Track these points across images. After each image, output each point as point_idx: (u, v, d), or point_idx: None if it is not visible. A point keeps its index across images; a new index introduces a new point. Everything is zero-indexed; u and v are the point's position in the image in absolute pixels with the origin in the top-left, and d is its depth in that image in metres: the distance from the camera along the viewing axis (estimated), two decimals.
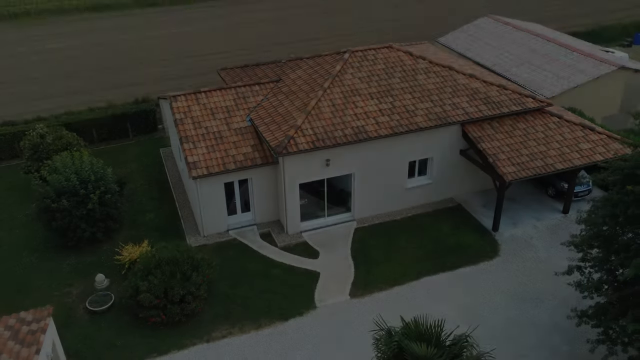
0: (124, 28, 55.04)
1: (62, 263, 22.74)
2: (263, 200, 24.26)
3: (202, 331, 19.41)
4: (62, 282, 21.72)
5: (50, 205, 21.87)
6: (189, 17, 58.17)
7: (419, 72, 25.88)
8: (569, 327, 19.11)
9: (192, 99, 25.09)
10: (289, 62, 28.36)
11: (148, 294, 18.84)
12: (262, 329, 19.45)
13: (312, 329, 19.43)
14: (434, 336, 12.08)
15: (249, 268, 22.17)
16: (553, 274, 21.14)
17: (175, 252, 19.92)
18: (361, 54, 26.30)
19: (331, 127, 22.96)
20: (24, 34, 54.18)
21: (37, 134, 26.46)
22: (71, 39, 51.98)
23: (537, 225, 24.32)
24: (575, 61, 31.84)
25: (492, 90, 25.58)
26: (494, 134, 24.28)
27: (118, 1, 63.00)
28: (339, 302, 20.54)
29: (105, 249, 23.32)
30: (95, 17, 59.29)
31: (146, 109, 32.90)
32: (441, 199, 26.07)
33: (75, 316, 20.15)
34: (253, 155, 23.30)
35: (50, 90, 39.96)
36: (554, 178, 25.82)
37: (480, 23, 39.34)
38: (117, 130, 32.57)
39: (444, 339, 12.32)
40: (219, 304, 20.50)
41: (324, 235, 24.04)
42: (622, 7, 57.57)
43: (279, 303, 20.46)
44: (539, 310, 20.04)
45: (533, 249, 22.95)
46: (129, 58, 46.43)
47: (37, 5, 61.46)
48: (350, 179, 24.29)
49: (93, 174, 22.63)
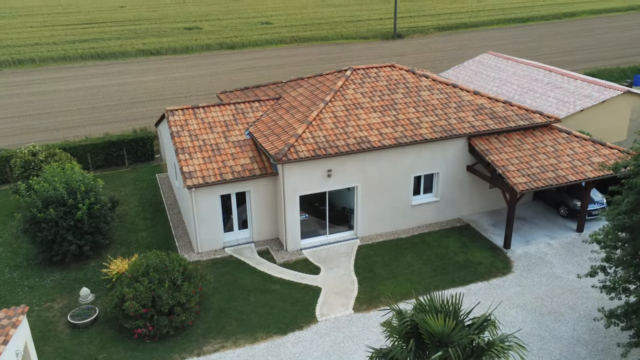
0: (126, 73, 55.46)
1: (45, 279, 21.26)
2: (261, 216, 23.05)
3: (192, 345, 17.72)
4: (44, 298, 20.18)
5: (36, 215, 20.67)
6: (193, 64, 58.75)
7: (422, 89, 25.37)
8: (595, 339, 17.57)
9: (190, 113, 24.43)
10: (289, 82, 27.93)
11: (134, 301, 17.32)
12: (258, 343, 17.77)
13: (312, 342, 17.76)
14: (452, 311, 10.67)
15: (245, 283, 20.70)
16: (572, 289, 19.84)
17: (165, 259, 18.55)
18: (363, 72, 25.90)
19: (333, 137, 22.14)
20: (26, 77, 54.52)
21: (29, 151, 25.60)
22: (72, 82, 52.21)
23: (550, 243, 23.00)
24: (579, 87, 31.47)
25: (498, 106, 24.97)
26: (502, 147, 23.42)
27: (122, 51, 63.97)
28: (342, 316, 18.95)
29: (93, 266, 21.91)
30: (99, 64, 59.95)
31: (143, 136, 32.21)
32: (448, 219, 24.87)
33: (55, 330, 18.50)
34: (252, 166, 22.33)
35: (46, 124, 39.50)
36: (566, 196, 24.76)
37: (481, 59, 39.43)
38: (113, 158, 31.77)
39: (462, 317, 10.90)
40: (212, 317, 18.90)
41: (325, 252, 22.68)
42: (616, 56, 58.31)
43: (277, 317, 18.87)
44: (560, 323, 18.42)
45: (548, 265, 21.54)
46: (129, 97, 46.37)
47: (41, 54, 62.33)
48: (352, 196, 23.21)
49: (83, 185, 21.57)
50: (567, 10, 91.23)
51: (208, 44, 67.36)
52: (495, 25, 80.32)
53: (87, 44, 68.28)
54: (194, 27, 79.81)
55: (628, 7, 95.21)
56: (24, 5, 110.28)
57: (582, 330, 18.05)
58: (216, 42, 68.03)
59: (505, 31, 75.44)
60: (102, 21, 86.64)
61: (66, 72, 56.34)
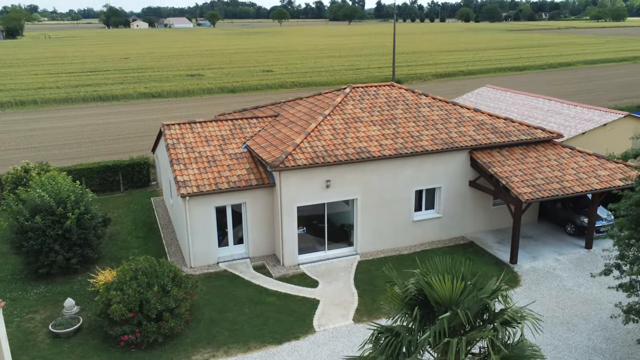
0: (127, 113, 55.73)
1: (29, 292, 20.20)
2: (258, 231, 22.22)
3: (180, 354, 16.51)
4: (26, 309, 19.06)
5: (23, 223, 19.85)
6: (193, 105, 59.13)
7: (422, 106, 25.11)
8: (612, 348, 16.43)
9: (186, 127, 24.05)
10: (288, 102, 27.74)
11: (120, 305, 16.28)
12: (252, 352, 16.57)
13: (309, 351, 16.57)
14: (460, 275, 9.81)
15: (239, 295, 19.63)
16: (584, 301, 18.82)
17: (155, 264, 17.62)
18: (362, 90, 25.73)
19: (332, 147, 21.65)
20: (27, 116, 54.72)
21: (22, 167, 25.04)
22: (72, 120, 52.35)
23: (559, 259, 22.06)
24: (579, 113, 31.31)
25: (499, 122, 24.64)
26: (505, 160, 22.89)
27: (123, 94, 64.61)
28: (342, 326, 17.81)
29: (80, 280, 20.88)
30: (100, 106, 60.37)
31: (140, 162, 31.74)
32: (452, 237, 24.02)
33: (34, 340, 17.31)
34: (248, 176, 21.72)
35: (44, 155, 39.14)
36: (572, 213, 24.00)
37: (480, 91, 39.56)
38: (108, 183, 31.16)
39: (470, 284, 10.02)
40: (203, 328, 17.75)
41: (324, 267, 21.71)
42: (614, 98, 58.77)
43: (272, 327, 17.72)
44: (574, 333, 17.28)
45: (558, 279, 20.53)
46: (128, 132, 46.30)
47: (44, 96, 62.90)
48: (352, 211, 22.47)
49: (73, 194, 20.87)
50: (563, 60, 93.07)
51: (209, 88, 68.18)
52: (492, 73, 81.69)
53: (90, 87, 69.12)
54: (196, 74, 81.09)
55: (622, 58, 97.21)
56: (31, 56, 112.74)
57: (598, 339, 16.91)
58: (217, 86, 68.90)
59: (502, 77, 76.61)
60: (106, 69, 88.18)
61: (67, 112, 56.65)
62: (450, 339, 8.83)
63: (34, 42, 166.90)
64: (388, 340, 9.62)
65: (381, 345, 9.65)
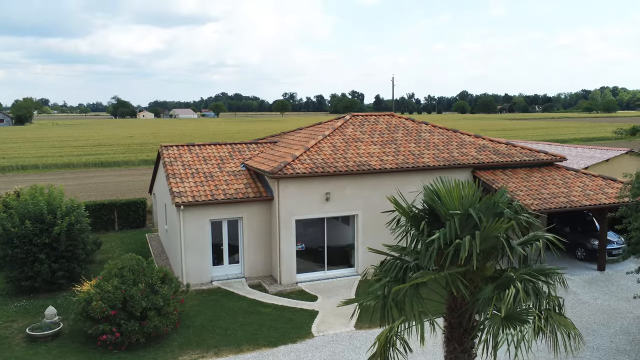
0: (127, 175, 55.77)
1: (9, 305, 18.95)
2: (254, 249, 21.26)
3: (167, 355, 15.11)
4: (4, 319, 17.75)
5: (9, 230, 19.00)
6: None
7: (422, 131, 24.99)
8: (638, 349, 15.03)
9: (185, 149, 23.78)
10: (287, 133, 27.67)
11: (100, 302, 15.11)
12: (244, 353, 15.17)
13: (307, 353, 15.17)
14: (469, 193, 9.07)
15: (233, 307, 18.38)
16: (602, 310, 17.66)
17: (143, 262, 16.62)
18: (362, 117, 25.74)
19: (332, 160, 21.24)
20: (28, 177, 54.64)
21: (15, 192, 24.48)
22: (72, 180, 52.22)
23: (571, 278, 20.90)
24: (581, 152, 31.19)
25: (501, 146, 24.40)
26: (508, 178, 22.39)
27: (125, 160, 65.09)
28: (343, 332, 16.47)
29: (65, 295, 19.65)
30: (101, 170, 60.55)
31: (136, 201, 31.15)
32: None
33: (9, 343, 15.95)
34: (246, 190, 21.13)
35: None
36: (581, 237, 23.10)
37: None
38: (103, 222, 30.34)
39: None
40: (192, 333, 16.43)
41: (323, 285, 20.56)
42: None
43: (267, 333, 16.37)
44: (594, 337, 15.93)
45: (572, 294, 19.30)
46: (127, 189, 45.99)
47: (45, 161, 63.29)
48: (352, 232, 21.63)
49: (64, 205, 20.19)
50: (559, 137, 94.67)
51: None
52: None
53: (93, 156, 69.73)
54: None
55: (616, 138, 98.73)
56: (37, 137, 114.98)
57: (621, 342, 15.56)
58: None
59: None
60: (109, 144, 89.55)
61: (68, 175, 56.67)
62: (460, 240, 8.01)
63: (42, 127, 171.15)
64: (392, 262, 8.73)
65: (385, 266, 8.77)
